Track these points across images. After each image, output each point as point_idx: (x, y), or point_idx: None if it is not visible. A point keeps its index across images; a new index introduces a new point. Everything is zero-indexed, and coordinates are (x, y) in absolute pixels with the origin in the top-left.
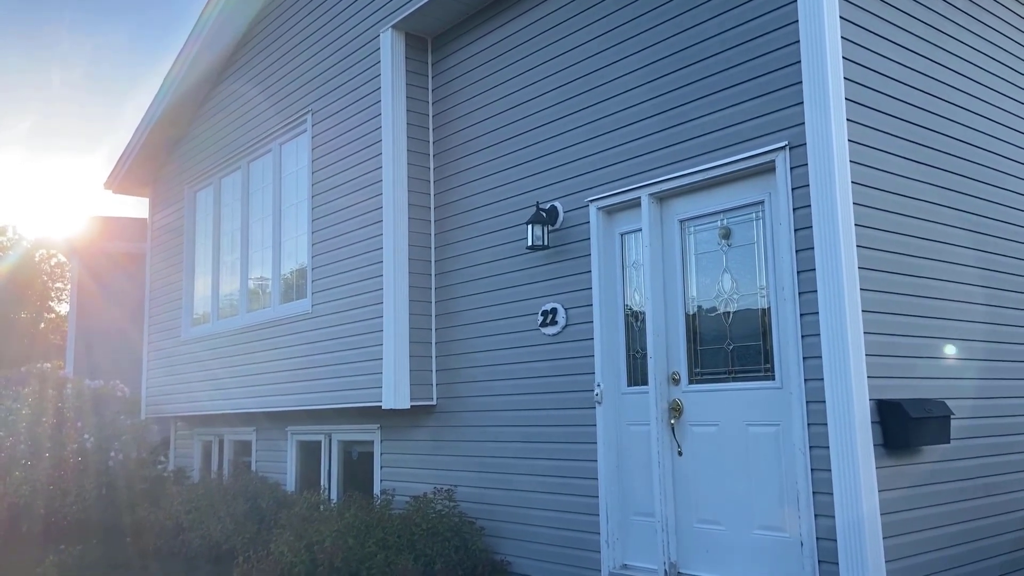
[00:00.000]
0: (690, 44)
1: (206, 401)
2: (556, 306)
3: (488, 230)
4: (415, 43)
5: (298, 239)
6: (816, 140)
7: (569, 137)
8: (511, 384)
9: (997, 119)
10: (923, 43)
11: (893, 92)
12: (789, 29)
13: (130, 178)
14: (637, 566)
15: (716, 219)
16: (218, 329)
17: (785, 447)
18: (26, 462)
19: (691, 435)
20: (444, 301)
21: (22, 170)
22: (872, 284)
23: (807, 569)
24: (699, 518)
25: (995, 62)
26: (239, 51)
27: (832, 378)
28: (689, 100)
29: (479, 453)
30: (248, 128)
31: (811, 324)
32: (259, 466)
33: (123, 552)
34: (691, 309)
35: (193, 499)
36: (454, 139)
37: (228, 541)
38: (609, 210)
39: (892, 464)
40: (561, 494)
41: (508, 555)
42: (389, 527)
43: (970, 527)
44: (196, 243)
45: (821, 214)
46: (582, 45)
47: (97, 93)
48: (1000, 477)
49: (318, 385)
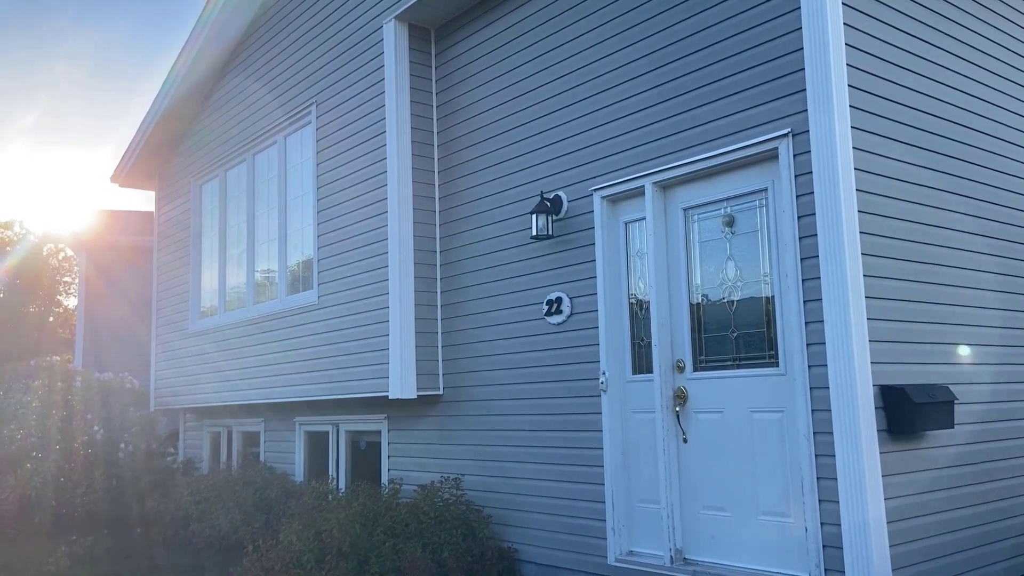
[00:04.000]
0: (692, 32)
1: (214, 393)
2: (561, 295)
3: (493, 220)
4: (418, 34)
5: (304, 231)
6: (819, 127)
7: (572, 126)
8: (516, 373)
9: (1001, 104)
10: (925, 28)
11: (896, 78)
12: (791, 16)
13: (136, 172)
14: (643, 552)
15: (720, 207)
16: (225, 321)
17: (789, 433)
18: (37, 454)
19: (696, 422)
20: (449, 291)
21: (29, 165)
22: (875, 270)
23: (812, 554)
24: (704, 505)
25: (998, 46)
26: (243, 44)
27: (835, 364)
28: (692, 88)
29: (485, 442)
30: (253, 121)
31: (815, 311)
32: (267, 457)
33: (133, 543)
34: (695, 297)
35: (202, 490)
36: (458, 129)
37: (237, 532)
38: (613, 199)
39: (896, 449)
40: (567, 482)
41: (515, 543)
42: (397, 516)
43: (975, 511)
44: (202, 236)
45: (824, 201)
46: (585, 34)
47: (103, 87)
48: (1006, 462)
49: (325, 376)
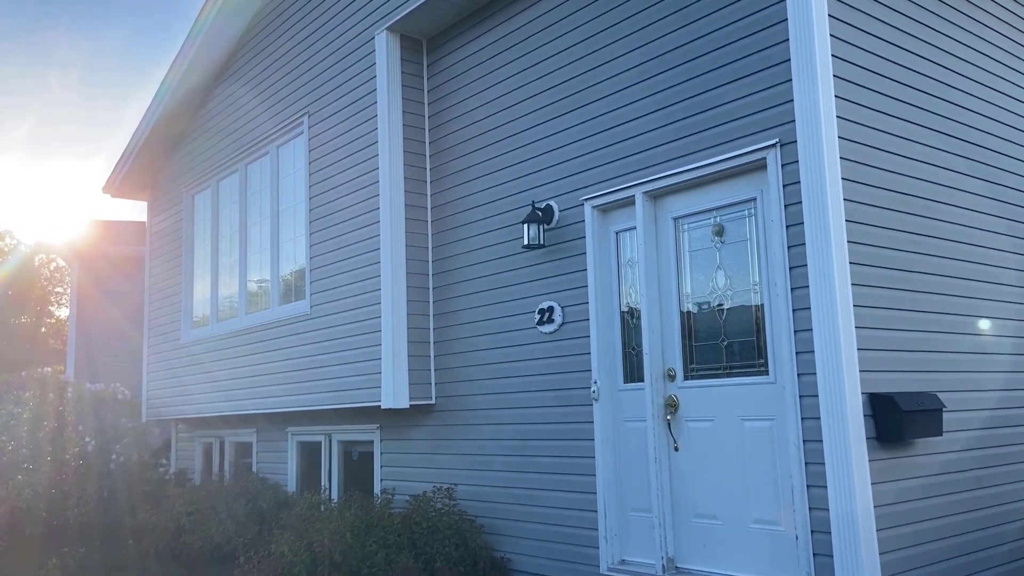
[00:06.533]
0: (682, 43)
1: (206, 403)
2: (553, 304)
3: (485, 229)
4: (410, 44)
5: (296, 240)
6: (806, 137)
7: (563, 136)
8: (509, 382)
9: (992, 115)
10: (913, 40)
11: (884, 89)
12: (779, 28)
13: (129, 182)
14: (635, 561)
15: (709, 216)
16: (218, 331)
17: (779, 441)
18: (28, 466)
19: (687, 430)
20: (442, 301)
21: (21, 175)
22: (864, 279)
23: (802, 562)
24: (696, 513)
25: (986, 57)
26: (235, 55)
27: (824, 372)
28: (681, 99)
29: (478, 451)
30: (245, 131)
31: (803, 319)
32: (260, 467)
33: (125, 554)
34: (686, 306)
35: (194, 501)
36: (450, 139)
37: (229, 542)
38: (604, 208)
39: (885, 457)
40: (559, 491)
41: (508, 552)
42: (389, 526)
43: (966, 518)
44: (195, 246)
45: (812, 210)
46: (575, 45)
47: (96, 97)
48: (996, 469)
49: (318, 386)
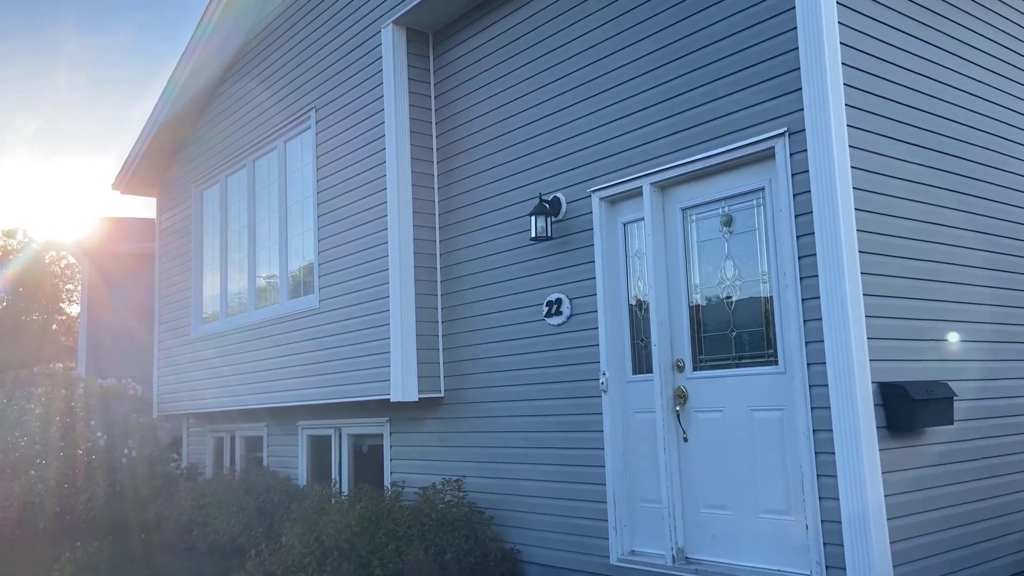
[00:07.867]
0: (689, 32)
1: (216, 398)
2: (561, 296)
3: (492, 222)
4: (416, 38)
5: (304, 235)
6: (815, 126)
7: (570, 128)
8: (517, 374)
9: (999, 101)
10: (921, 26)
11: (892, 76)
12: (787, 16)
13: (137, 179)
14: (645, 552)
15: (718, 207)
16: (227, 327)
17: (789, 431)
18: (40, 461)
19: (696, 421)
20: (450, 294)
21: (31, 173)
22: (873, 268)
23: (813, 551)
24: (705, 503)
25: (995, 44)
26: (243, 50)
27: (834, 362)
28: (688, 89)
29: (487, 443)
30: (253, 126)
31: (813, 309)
32: (271, 461)
33: (137, 548)
34: (694, 297)
35: (205, 495)
36: (457, 132)
37: (240, 536)
38: (611, 200)
39: (895, 446)
40: (569, 482)
41: (517, 543)
42: (399, 518)
43: (977, 507)
44: (204, 242)
45: (821, 199)
46: (581, 36)
47: (105, 94)
48: (1006, 458)
49: (327, 380)
